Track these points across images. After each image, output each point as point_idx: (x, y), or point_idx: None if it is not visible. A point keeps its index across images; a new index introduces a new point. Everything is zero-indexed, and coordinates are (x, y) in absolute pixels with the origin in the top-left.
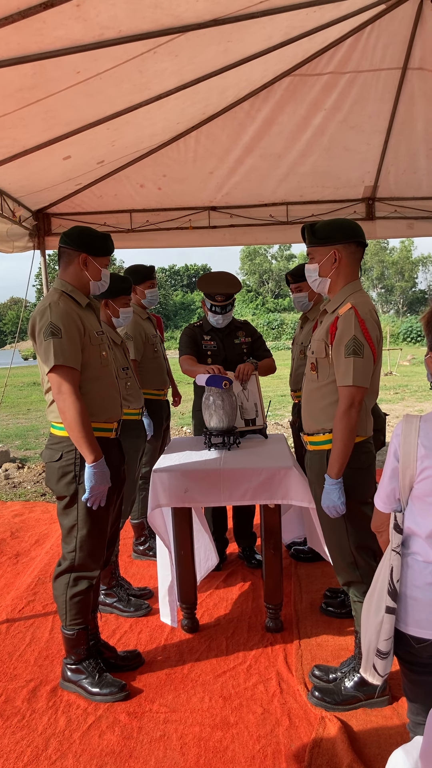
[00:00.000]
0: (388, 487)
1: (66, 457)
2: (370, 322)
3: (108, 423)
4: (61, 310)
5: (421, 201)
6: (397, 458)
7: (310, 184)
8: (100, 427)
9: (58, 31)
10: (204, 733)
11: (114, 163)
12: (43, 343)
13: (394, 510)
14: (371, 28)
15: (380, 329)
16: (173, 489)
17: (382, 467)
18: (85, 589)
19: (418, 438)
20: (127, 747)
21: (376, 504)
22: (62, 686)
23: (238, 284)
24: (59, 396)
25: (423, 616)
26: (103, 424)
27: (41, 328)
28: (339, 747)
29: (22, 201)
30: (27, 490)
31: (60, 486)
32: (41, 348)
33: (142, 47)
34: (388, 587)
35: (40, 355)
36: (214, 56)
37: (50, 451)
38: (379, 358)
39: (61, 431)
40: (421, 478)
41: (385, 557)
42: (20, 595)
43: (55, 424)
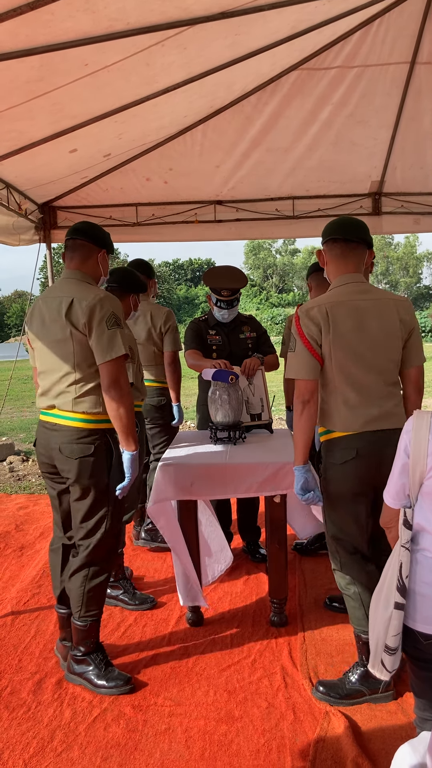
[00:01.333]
0: (398, 483)
1: (99, 449)
2: (304, 319)
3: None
4: (115, 302)
5: (428, 196)
6: (407, 454)
7: (317, 178)
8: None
9: (66, 23)
10: (209, 727)
11: (120, 157)
12: (107, 332)
13: (403, 506)
14: (380, 22)
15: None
16: (179, 482)
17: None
18: (103, 580)
19: (429, 434)
20: (132, 740)
21: (386, 500)
22: (67, 678)
23: (244, 279)
24: (116, 386)
25: (431, 613)
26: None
27: (104, 317)
28: (343, 741)
29: (28, 194)
30: (31, 482)
31: (94, 479)
32: (103, 337)
33: (150, 40)
34: (397, 583)
35: (100, 345)
36: (222, 49)
37: (81, 445)
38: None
39: (92, 423)
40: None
41: (394, 553)
42: (25, 587)
43: (86, 417)
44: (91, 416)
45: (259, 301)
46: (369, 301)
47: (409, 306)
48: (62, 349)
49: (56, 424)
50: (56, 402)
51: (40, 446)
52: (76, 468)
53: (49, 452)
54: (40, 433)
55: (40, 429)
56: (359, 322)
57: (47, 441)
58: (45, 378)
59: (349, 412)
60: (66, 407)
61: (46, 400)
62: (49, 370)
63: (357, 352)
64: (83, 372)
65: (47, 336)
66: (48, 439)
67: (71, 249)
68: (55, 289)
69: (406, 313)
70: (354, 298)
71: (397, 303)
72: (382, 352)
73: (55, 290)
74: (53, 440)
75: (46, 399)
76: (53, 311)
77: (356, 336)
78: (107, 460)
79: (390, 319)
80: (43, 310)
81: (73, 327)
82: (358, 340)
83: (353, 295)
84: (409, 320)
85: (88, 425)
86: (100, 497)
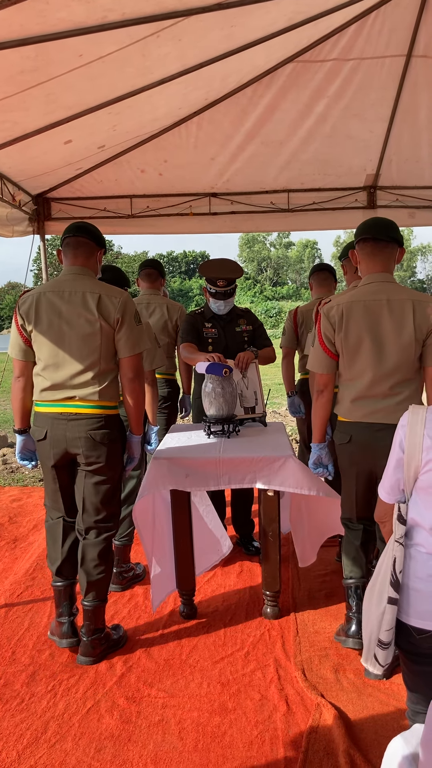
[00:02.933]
0: (393, 478)
1: (121, 434)
2: (323, 320)
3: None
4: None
5: (423, 190)
6: (402, 449)
7: (312, 171)
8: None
9: (60, 13)
10: (202, 719)
11: (115, 148)
12: (136, 328)
13: (398, 501)
14: (376, 14)
15: (347, 323)
16: (172, 475)
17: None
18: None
19: (424, 429)
20: (126, 731)
21: (380, 494)
22: (84, 662)
23: (240, 270)
24: (140, 377)
25: (425, 608)
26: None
27: (133, 314)
28: (335, 733)
29: (22, 185)
30: (25, 475)
31: (118, 461)
32: (134, 333)
33: (146, 31)
34: (390, 578)
35: (131, 339)
36: (218, 41)
37: (110, 431)
38: (356, 350)
39: (114, 410)
40: (427, 469)
41: (388, 548)
42: (18, 580)
43: (110, 404)
44: (113, 404)
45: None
46: (384, 301)
47: (427, 302)
48: (89, 342)
49: (79, 414)
50: (77, 393)
51: (52, 440)
52: (106, 453)
53: (68, 443)
54: (52, 426)
55: (49, 421)
56: (372, 322)
57: (64, 431)
58: (56, 371)
59: (352, 402)
60: (93, 397)
61: (60, 393)
62: (63, 363)
63: (369, 349)
64: (107, 364)
65: (68, 329)
66: (65, 429)
67: (74, 246)
68: (66, 283)
69: (425, 314)
70: (372, 298)
71: (417, 304)
72: (394, 350)
73: (68, 284)
74: (77, 429)
75: (62, 392)
76: (77, 306)
77: (369, 335)
78: (123, 444)
79: (404, 319)
80: (58, 304)
81: (105, 321)
82: (370, 339)
83: (373, 295)
84: (428, 321)
85: (112, 411)
86: (118, 478)
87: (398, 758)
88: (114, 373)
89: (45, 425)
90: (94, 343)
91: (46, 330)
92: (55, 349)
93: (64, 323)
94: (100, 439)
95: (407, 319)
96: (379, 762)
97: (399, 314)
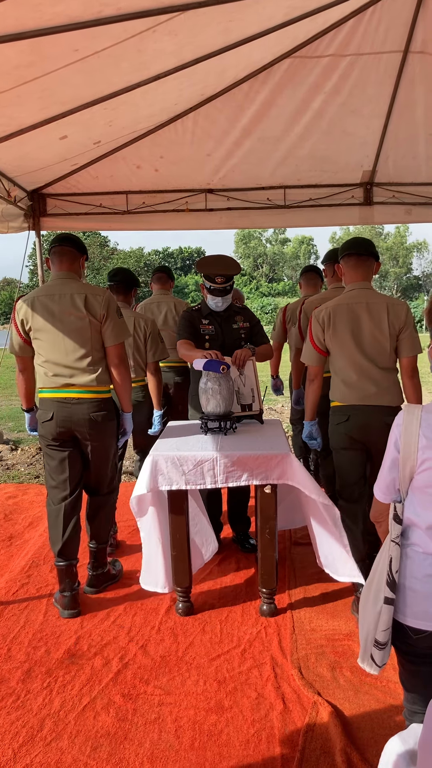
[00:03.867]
0: (388, 477)
1: (115, 413)
2: (314, 322)
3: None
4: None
5: (420, 186)
6: (397, 448)
7: (309, 167)
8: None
9: (56, 7)
10: (199, 717)
11: (111, 144)
12: (118, 321)
13: (393, 500)
14: (373, 10)
15: (334, 322)
16: (170, 472)
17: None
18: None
19: (419, 428)
20: (122, 729)
21: (376, 494)
22: (89, 592)
23: (238, 266)
24: (123, 362)
25: (421, 608)
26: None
27: (115, 309)
28: (332, 732)
29: (17, 181)
30: (20, 472)
31: (114, 436)
32: (117, 325)
33: (142, 25)
34: (386, 578)
35: (114, 330)
36: (214, 36)
37: (107, 412)
38: (342, 344)
39: (108, 394)
40: (422, 468)
41: (384, 548)
42: (14, 577)
43: (105, 389)
44: (108, 389)
45: (249, 290)
46: (364, 304)
47: (401, 308)
48: (80, 336)
49: (80, 398)
50: (74, 381)
51: (58, 420)
52: (105, 430)
53: (72, 423)
54: (58, 409)
55: (54, 405)
56: (355, 321)
57: (68, 414)
58: (56, 363)
59: (346, 388)
60: (91, 384)
61: (59, 380)
62: (61, 356)
63: (352, 344)
64: (98, 353)
65: (61, 327)
66: (70, 412)
67: (59, 254)
68: (55, 287)
69: (397, 314)
70: (354, 302)
71: (390, 306)
72: (373, 343)
73: (57, 288)
74: (78, 412)
75: (59, 379)
76: (66, 305)
77: (352, 332)
78: (118, 421)
79: (380, 319)
80: (50, 306)
81: (92, 317)
82: (353, 335)
83: (355, 299)
84: (399, 320)
85: (107, 395)
86: (114, 449)
87: (395, 758)
88: (104, 361)
89: (51, 408)
90: (85, 335)
91: (42, 329)
92: (52, 344)
93: (57, 321)
94: (100, 419)
95: (383, 319)
96: (377, 761)
97: (376, 315)
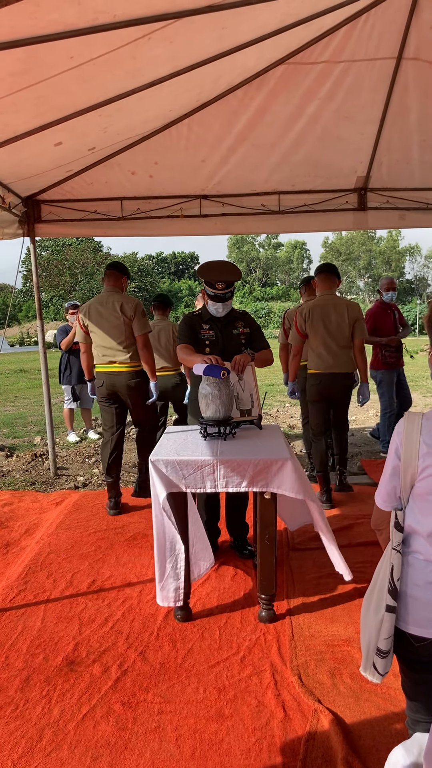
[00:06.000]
0: (389, 485)
1: (145, 380)
2: (299, 315)
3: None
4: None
5: (414, 192)
6: (398, 456)
7: (303, 173)
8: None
9: (52, 15)
10: (199, 725)
11: (105, 150)
12: (142, 318)
13: (394, 508)
14: (366, 17)
15: (311, 317)
16: (169, 477)
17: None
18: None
19: (420, 436)
20: (122, 738)
21: (377, 501)
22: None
23: (239, 272)
24: (147, 346)
25: (423, 615)
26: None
27: (141, 311)
28: (334, 740)
29: (11, 187)
30: (16, 479)
31: (144, 395)
32: (140, 322)
33: (137, 33)
34: (388, 585)
35: (138, 325)
36: (209, 43)
37: (137, 380)
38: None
39: (137, 367)
40: (423, 476)
41: (386, 555)
42: (11, 584)
43: (135, 365)
44: (137, 364)
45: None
46: (332, 304)
47: (355, 306)
48: (118, 329)
49: (120, 371)
50: (115, 359)
51: (107, 385)
52: (135, 391)
53: (117, 387)
54: (106, 378)
55: (104, 375)
56: (325, 315)
57: (112, 381)
58: (104, 347)
59: (318, 359)
60: (126, 360)
61: (106, 359)
62: (107, 342)
63: (323, 330)
64: (130, 341)
65: (106, 323)
66: (113, 380)
67: (109, 275)
68: (104, 297)
69: (353, 310)
70: (325, 303)
71: (348, 305)
72: (337, 330)
73: (105, 298)
74: (118, 380)
75: (106, 358)
76: (110, 309)
77: (323, 322)
78: (147, 385)
79: (341, 313)
80: (100, 309)
81: (125, 317)
82: (324, 324)
83: (325, 301)
84: (353, 314)
85: (138, 368)
86: (147, 403)
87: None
88: (134, 346)
89: (102, 378)
90: (121, 329)
91: (96, 324)
92: (101, 334)
93: (104, 320)
94: (134, 385)
95: (343, 314)
96: None
97: (340, 311)
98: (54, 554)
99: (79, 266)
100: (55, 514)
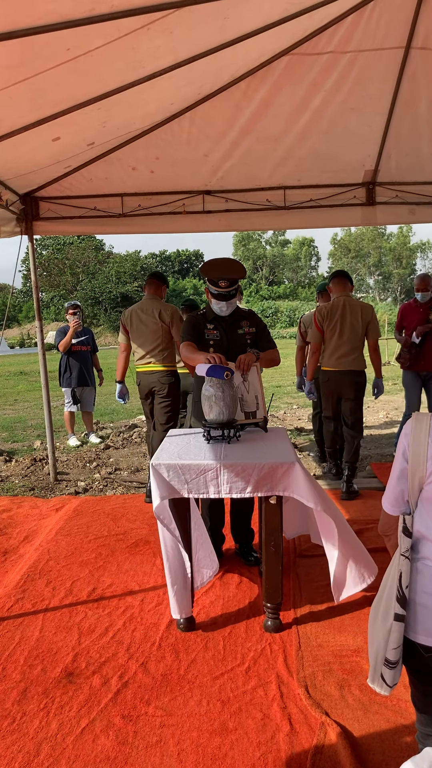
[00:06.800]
0: (397, 489)
1: (176, 380)
2: (318, 314)
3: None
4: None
5: (424, 186)
6: (406, 459)
7: (309, 167)
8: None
9: (48, 5)
10: (202, 739)
11: (105, 145)
12: (180, 325)
13: (402, 512)
14: (373, 5)
15: (330, 317)
16: (172, 482)
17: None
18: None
19: (428, 437)
20: (123, 753)
21: (384, 506)
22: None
23: (243, 270)
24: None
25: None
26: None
27: (179, 318)
28: (341, 754)
29: (8, 184)
30: (14, 484)
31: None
32: (179, 328)
33: (135, 23)
34: (396, 593)
35: (177, 331)
36: (210, 33)
37: (171, 378)
38: (333, 331)
39: (172, 367)
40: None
41: (394, 562)
42: (9, 593)
43: (169, 365)
44: (171, 365)
45: (249, 293)
46: (348, 305)
47: (369, 308)
48: (154, 334)
49: (155, 370)
50: (152, 359)
51: (143, 384)
52: (167, 389)
53: (151, 384)
54: (142, 377)
55: (141, 375)
56: (341, 315)
57: (148, 380)
58: (142, 348)
59: (330, 358)
60: (160, 361)
61: (144, 359)
62: (145, 345)
63: (339, 329)
64: (166, 344)
65: (146, 327)
66: (149, 378)
67: (149, 283)
68: (144, 303)
69: (366, 313)
70: (341, 304)
71: (362, 307)
72: (352, 330)
73: (145, 304)
74: (152, 378)
75: (145, 359)
76: (149, 315)
77: (339, 322)
78: (179, 384)
79: (356, 314)
80: (140, 314)
81: (162, 322)
82: (339, 323)
83: (342, 302)
84: (366, 316)
85: (170, 368)
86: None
87: None
88: (170, 348)
89: (140, 377)
90: (157, 333)
91: (136, 328)
92: (141, 337)
93: (143, 325)
94: (167, 382)
95: (357, 315)
96: None
97: (354, 312)
98: (53, 561)
99: (80, 265)
100: (55, 520)
